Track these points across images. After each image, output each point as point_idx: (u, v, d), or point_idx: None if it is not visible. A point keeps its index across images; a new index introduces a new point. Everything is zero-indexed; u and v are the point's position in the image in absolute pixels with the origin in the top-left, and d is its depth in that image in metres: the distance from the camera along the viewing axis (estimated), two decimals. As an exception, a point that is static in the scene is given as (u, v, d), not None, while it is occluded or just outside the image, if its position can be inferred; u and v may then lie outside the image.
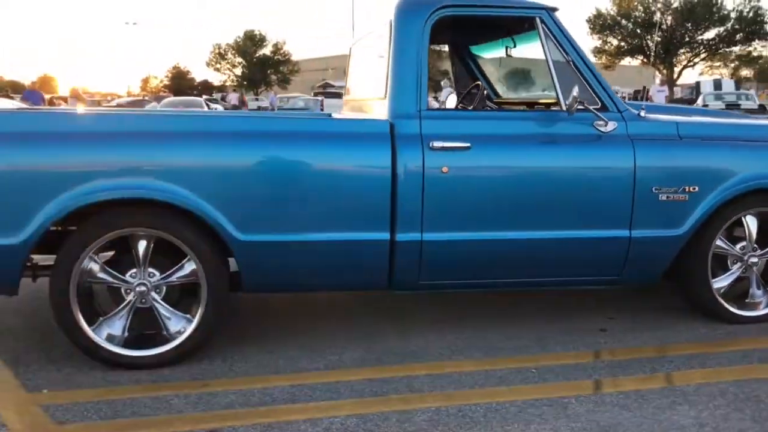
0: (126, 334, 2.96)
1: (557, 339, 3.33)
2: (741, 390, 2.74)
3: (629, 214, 3.20)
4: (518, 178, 3.11)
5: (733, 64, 46.73)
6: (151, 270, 2.95)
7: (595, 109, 3.19)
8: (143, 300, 2.95)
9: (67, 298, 2.84)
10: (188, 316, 3.00)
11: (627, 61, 45.96)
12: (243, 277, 2.99)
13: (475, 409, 2.57)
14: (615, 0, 43.71)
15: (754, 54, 43.36)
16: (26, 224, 2.72)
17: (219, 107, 24.44)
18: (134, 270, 2.94)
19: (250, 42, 62.50)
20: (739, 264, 3.49)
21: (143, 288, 2.94)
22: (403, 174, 2.98)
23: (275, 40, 63.74)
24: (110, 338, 2.94)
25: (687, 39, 41.61)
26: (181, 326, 2.99)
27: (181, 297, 3.05)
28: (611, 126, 3.20)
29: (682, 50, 42.17)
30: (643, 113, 3.31)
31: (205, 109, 19.46)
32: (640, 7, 42.58)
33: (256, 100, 45.79)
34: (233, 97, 29.71)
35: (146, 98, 30.48)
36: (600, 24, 43.53)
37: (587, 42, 44.27)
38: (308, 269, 3.05)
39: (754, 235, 3.46)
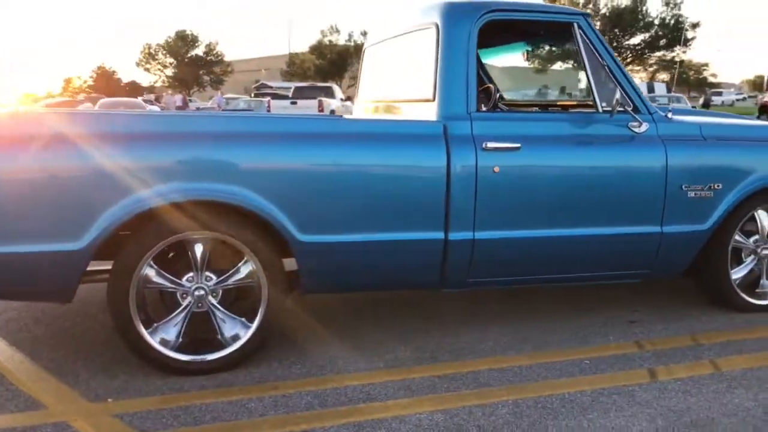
0: (180, 339, 2.91)
1: (594, 331, 3.46)
2: (784, 373, 2.93)
3: (661, 210, 3.37)
4: (564, 177, 3.21)
5: (651, 69, 49.02)
6: (207, 274, 2.91)
7: (630, 110, 3.35)
8: (200, 304, 2.91)
9: (127, 305, 2.78)
10: (242, 319, 2.97)
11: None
12: (303, 277, 2.98)
13: (552, 401, 2.66)
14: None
15: (677, 59, 45.65)
16: (88, 229, 2.63)
17: (156, 108, 23.76)
18: (190, 274, 2.90)
19: (182, 42, 61.18)
20: (753, 256, 3.72)
21: (201, 292, 2.89)
22: (456, 174, 3.04)
23: (208, 41, 62.75)
24: (164, 343, 2.88)
25: (615, 44, 43.36)
26: (235, 330, 2.96)
27: (234, 300, 3.02)
28: (644, 127, 3.36)
29: None
30: (670, 115, 3.49)
31: (146, 109, 18.91)
32: (570, 13, 44.05)
33: (190, 101, 44.74)
34: (178, 99, 28.94)
35: (79, 98, 29.36)
36: (532, 28, 44.69)
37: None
38: (365, 269, 3.07)
39: (767, 229, 3.70)
